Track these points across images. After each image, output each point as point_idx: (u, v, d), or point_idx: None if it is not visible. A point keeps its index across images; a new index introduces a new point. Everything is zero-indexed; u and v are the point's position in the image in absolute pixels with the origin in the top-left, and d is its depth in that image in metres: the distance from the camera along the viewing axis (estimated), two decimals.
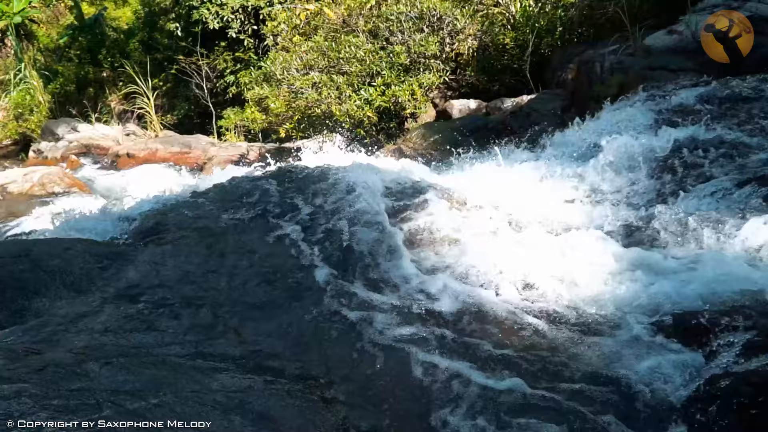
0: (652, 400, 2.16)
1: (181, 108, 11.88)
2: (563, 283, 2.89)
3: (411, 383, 2.24)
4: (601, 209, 3.64)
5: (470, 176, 4.52)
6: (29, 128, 11.60)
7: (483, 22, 8.08)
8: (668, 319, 2.50)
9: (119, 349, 2.26)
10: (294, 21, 8.85)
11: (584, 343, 2.47)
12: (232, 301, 2.81)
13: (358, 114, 7.45)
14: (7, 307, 2.60)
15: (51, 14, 15.83)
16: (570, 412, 2.10)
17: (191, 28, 10.81)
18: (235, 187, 4.13)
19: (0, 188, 6.73)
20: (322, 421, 1.99)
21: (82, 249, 3.18)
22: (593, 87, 5.77)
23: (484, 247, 3.24)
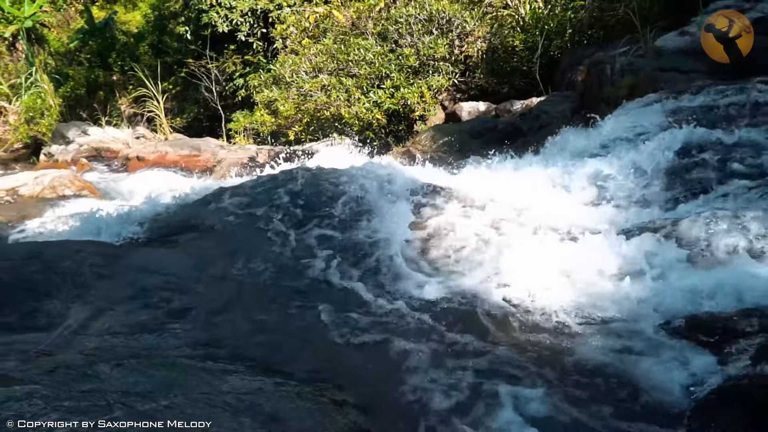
0: (665, 402, 2.15)
1: (191, 111, 11.92)
2: (577, 283, 2.87)
3: (421, 386, 2.22)
4: (616, 210, 3.61)
5: (481, 178, 4.49)
6: (40, 131, 11.67)
7: (492, 25, 8.07)
8: (682, 321, 2.48)
9: (130, 350, 2.26)
10: (303, 24, 8.88)
11: (596, 345, 2.45)
12: (242, 303, 2.81)
13: (367, 116, 7.45)
14: (18, 308, 2.61)
15: (62, 18, 15.95)
16: (581, 413, 2.08)
17: (201, 32, 10.86)
18: (244, 190, 4.14)
19: (11, 191, 6.76)
20: (332, 424, 1.97)
21: (92, 251, 3.19)
22: (603, 89, 5.73)
23: (497, 248, 3.22)
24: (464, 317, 2.69)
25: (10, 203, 6.47)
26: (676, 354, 2.34)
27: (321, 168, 4.29)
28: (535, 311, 2.71)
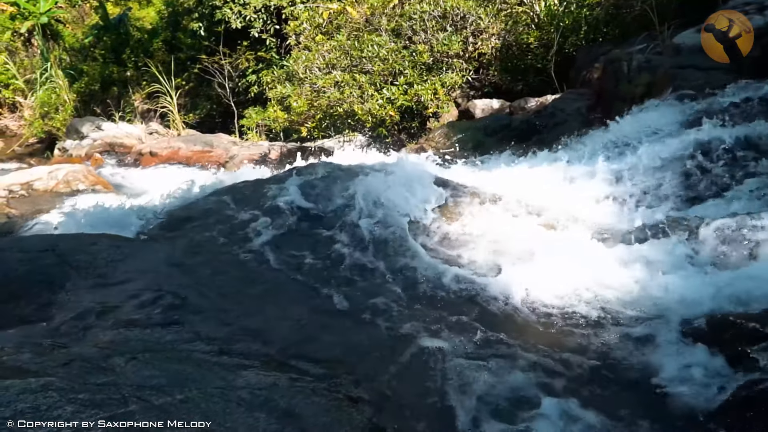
0: (685, 404, 2.12)
1: (204, 107, 11.95)
2: (596, 283, 2.83)
3: (439, 383, 2.20)
4: (636, 209, 3.56)
5: (498, 175, 4.46)
6: (55, 126, 11.75)
7: (507, 21, 8.01)
8: (703, 322, 2.43)
9: (144, 344, 2.25)
10: (317, 20, 8.85)
11: (617, 346, 2.42)
12: (256, 298, 2.80)
13: (380, 113, 7.42)
14: (34, 300, 2.61)
15: (76, 14, 16.07)
16: (601, 414, 2.06)
17: (214, 28, 10.88)
18: (257, 185, 4.12)
19: (26, 185, 6.80)
20: (348, 420, 1.95)
21: (107, 244, 3.19)
22: (620, 86, 5.66)
23: (516, 246, 3.18)
24: (484, 314, 2.67)
25: (25, 197, 6.52)
26: (697, 356, 2.30)
27: (336, 163, 4.27)
28: (555, 310, 2.68)
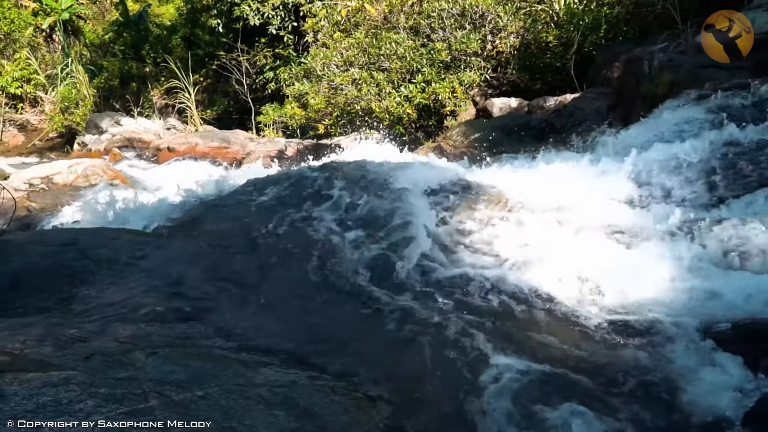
0: (707, 411, 2.08)
1: (221, 103, 12.02)
2: (618, 285, 2.79)
3: (457, 382, 2.18)
4: (660, 211, 3.49)
5: (517, 175, 4.41)
6: (74, 121, 11.87)
7: (525, 20, 7.94)
8: (728, 327, 2.39)
9: (164, 339, 2.26)
10: (335, 17, 8.84)
11: (640, 348, 2.38)
12: (275, 295, 2.79)
13: (397, 111, 7.40)
14: (56, 294, 2.63)
15: (97, 11, 16.25)
16: (621, 420, 2.03)
17: (232, 25, 10.93)
18: (277, 181, 4.13)
19: (46, 179, 6.88)
20: (367, 419, 1.95)
21: (127, 239, 3.21)
22: (641, 85, 5.59)
23: (538, 246, 3.15)
24: (503, 315, 2.65)
25: (45, 191, 6.59)
26: (720, 361, 2.27)
27: (354, 161, 4.27)
28: (576, 313, 2.64)
